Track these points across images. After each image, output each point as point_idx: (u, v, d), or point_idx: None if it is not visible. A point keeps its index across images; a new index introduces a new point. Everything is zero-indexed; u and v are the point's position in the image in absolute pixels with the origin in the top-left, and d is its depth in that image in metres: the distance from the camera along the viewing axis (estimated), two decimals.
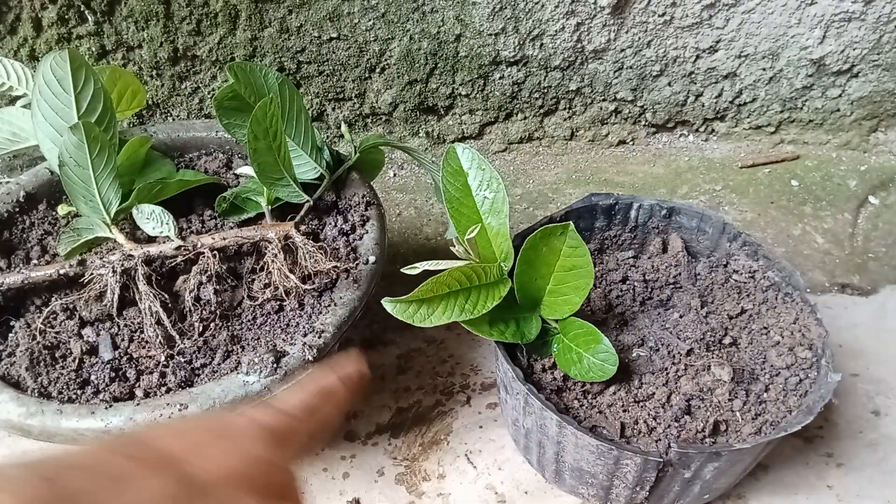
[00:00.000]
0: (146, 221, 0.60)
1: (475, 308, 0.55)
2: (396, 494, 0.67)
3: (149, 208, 0.60)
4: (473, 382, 0.76)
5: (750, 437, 0.57)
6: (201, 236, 0.59)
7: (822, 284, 0.87)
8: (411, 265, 0.56)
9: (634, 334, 0.65)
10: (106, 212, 0.59)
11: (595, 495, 0.63)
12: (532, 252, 0.59)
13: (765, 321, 0.65)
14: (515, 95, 0.99)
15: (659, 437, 0.58)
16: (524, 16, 0.90)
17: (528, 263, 0.60)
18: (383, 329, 0.81)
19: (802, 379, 0.60)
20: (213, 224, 0.67)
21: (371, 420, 0.73)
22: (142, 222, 0.60)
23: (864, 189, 0.99)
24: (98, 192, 0.58)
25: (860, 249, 0.91)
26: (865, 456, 0.69)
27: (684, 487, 0.58)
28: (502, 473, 0.69)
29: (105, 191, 0.58)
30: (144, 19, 0.85)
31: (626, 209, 0.72)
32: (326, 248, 0.58)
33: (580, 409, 0.60)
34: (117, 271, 0.56)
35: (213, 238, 0.59)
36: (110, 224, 0.60)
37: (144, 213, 0.60)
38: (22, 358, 0.55)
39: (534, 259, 0.59)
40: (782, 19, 0.92)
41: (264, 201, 0.64)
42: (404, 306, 0.53)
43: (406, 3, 0.88)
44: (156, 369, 0.56)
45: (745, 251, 0.70)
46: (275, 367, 0.52)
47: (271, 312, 0.60)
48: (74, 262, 0.58)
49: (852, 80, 0.98)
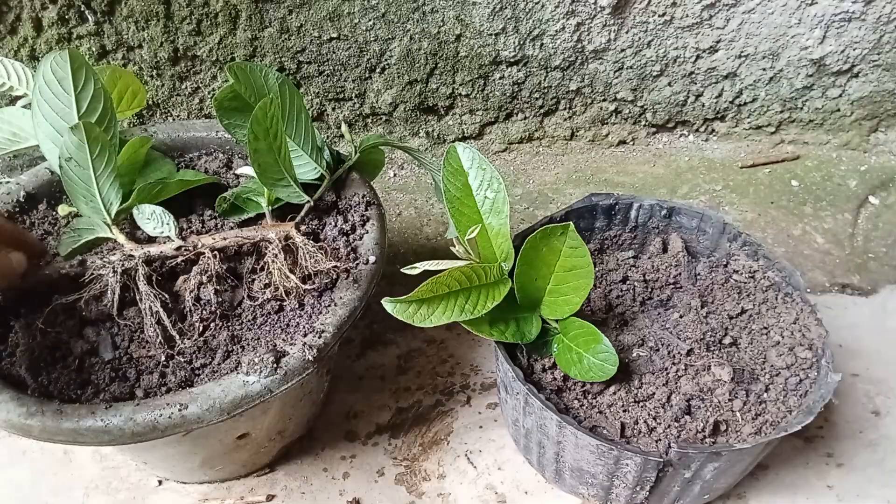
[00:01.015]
0: (147, 221, 0.60)
1: (475, 308, 0.55)
2: (396, 494, 0.67)
3: (149, 208, 0.60)
4: (473, 382, 0.76)
5: (750, 437, 0.57)
6: (202, 236, 0.59)
7: (822, 284, 0.87)
8: (411, 265, 0.56)
9: (634, 334, 0.65)
10: (106, 212, 0.59)
11: (595, 495, 0.63)
12: (532, 252, 0.59)
13: (765, 321, 0.65)
14: (515, 95, 0.99)
15: (659, 437, 0.58)
16: (524, 16, 0.90)
17: (529, 263, 0.60)
18: (383, 329, 0.81)
19: (802, 379, 0.60)
20: (213, 224, 0.67)
21: (371, 420, 0.73)
22: (142, 222, 0.60)
23: (864, 189, 0.99)
24: (99, 193, 0.58)
25: (860, 249, 0.91)
26: (865, 456, 0.69)
27: (684, 487, 0.58)
28: (502, 473, 0.69)
29: (106, 191, 0.58)
30: (145, 19, 0.85)
31: (626, 209, 0.72)
32: (326, 248, 0.58)
33: (580, 409, 0.60)
34: (118, 271, 0.56)
35: (214, 238, 0.59)
36: (111, 224, 0.60)
37: (145, 213, 0.60)
38: (22, 358, 0.55)
39: (534, 259, 0.59)
40: (782, 19, 0.92)
41: (265, 202, 0.64)
42: (404, 306, 0.53)
43: (406, 3, 0.88)
44: (156, 369, 0.56)
45: (746, 251, 0.70)
46: (275, 367, 0.52)
47: (271, 312, 0.60)
48: (75, 262, 0.58)
49: (852, 80, 0.98)
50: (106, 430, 0.49)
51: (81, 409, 0.51)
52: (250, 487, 0.68)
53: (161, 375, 0.55)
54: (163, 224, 0.60)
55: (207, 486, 0.68)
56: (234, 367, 0.56)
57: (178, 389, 0.54)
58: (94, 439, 0.50)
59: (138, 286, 0.57)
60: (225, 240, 0.59)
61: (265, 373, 0.52)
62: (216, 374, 0.56)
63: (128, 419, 0.50)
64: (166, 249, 0.58)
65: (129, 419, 0.50)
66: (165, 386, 0.55)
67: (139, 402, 0.51)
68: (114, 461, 0.70)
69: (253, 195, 0.65)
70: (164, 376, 0.55)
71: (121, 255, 0.57)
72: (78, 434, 0.50)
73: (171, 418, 0.50)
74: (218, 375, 0.55)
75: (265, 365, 0.52)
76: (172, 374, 0.55)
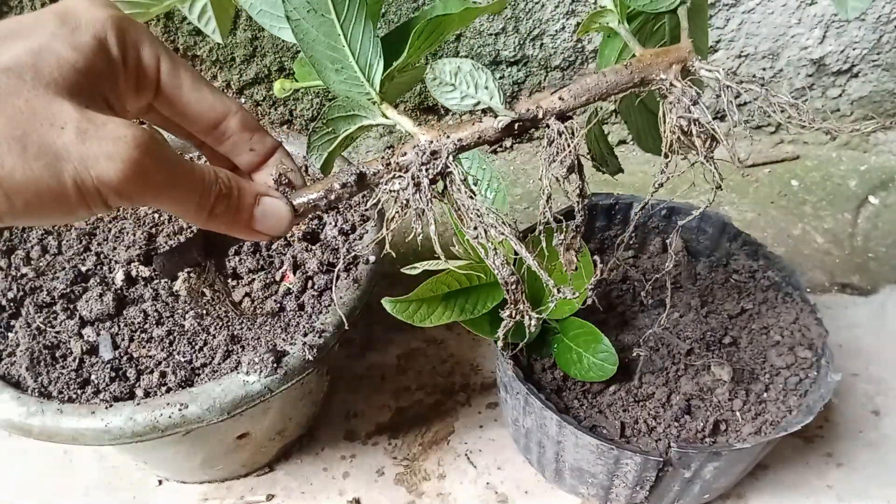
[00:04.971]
0: (447, 88, 0.37)
1: (475, 308, 0.55)
2: (396, 494, 0.67)
3: (451, 64, 0.37)
4: (473, 382, 0.76)
5: (750, 436, 0.57)
6: (539, 97, 0.36)
7: (822, 284, 0.87)
8: (411, 265, 0.56)
9: (634, 334, 0.65)
10: (368, 81, 0.39)
11: (595, 495, 0.63)
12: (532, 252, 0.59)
13: (765, 321, 0.65)
14: (516, 95, 0.99)
15: (659, 437, 0.58)
16: (524, 16, 0.90)
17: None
18: (383, 329, 0.81)
19: (802, 379, 0.60)
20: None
21: (371, 420, 0.73)
22: (439, 90, 0.38)
23: (864, 189, 0.99)
24: (350, 49, 0.38)
25: (860, 249, 0.91)
26: (865, 456, 0.69)
27: (684, 487, 0.58)
28: (502, 473, 0.69)
29: (360, 44, 0.38)
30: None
31: (626, 209, 0.72)
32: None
33: (580, 408, 0.60)
34: (422, 181, 0.35)
35: (562, 96, 0.36)
36: (378, 101, 0.39)
37: (445, 72, 0.37)
38: (22, 358, 0.55)
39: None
40: (782, 19, 0.92)
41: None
42: (404, 306, 0.53)
43: (406, 3, 0.88)
44: (156, 369, 0.56)
45: (745, 251, 0.70)
46: (275, 366, 0.52)
47: (271, 312, 0.60)
48: (350, 174, 0.36)
49: (852, 80, 0.98)
50: (106, 429, 0.49)
51: (81, 409, 0.51)
52: (250, 487, 0.68)
53: (161, 375, 0.55)
54: (476, 87, 0.37)
55: (207, 486, 0.68)
56: (235, 366, 0.56)
57: (178, 389, 0.54)
58: (94, 439, 0.50)
59: (453, 197, 0.36)
60: (584, 92, 0.36)
61: (265, 372, 0.52)
62: (216, 373, 0.56)
63: (128, 419, 0.50)
64: (487, 128, 0.36)
65: (129, 419, 0.50)
66: (165, 386, 0.55)
67: (139, 401, 0.51)
68: (114, 461, 0.70)
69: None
70: (164, 376, 0.55)
71: (416, 151, 0.36)
72: (78, 434, 0.50)
73: (171, 418, 0.50)
74: (218, 375, 0.55)
75: (265, 365, 0.52)
76: (172, 373, 0.55)
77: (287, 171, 0.37)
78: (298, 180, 0.37)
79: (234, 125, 0.36)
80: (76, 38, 0.30)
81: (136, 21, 0.33)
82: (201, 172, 0.32)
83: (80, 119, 0.27)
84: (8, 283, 0.61)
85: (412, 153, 0.35)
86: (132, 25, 0.32)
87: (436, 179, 0.35)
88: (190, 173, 0.31)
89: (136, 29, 0.32)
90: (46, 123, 0.27)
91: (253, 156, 0.38)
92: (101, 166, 0.27)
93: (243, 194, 0.34)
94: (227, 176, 0.33)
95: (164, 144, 0.30)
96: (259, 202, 0.35)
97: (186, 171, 0.31)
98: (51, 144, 0.27)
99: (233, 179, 0.33)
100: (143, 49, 0.32)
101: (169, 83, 0.34)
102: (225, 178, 0.33)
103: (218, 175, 0.33)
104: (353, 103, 0.40)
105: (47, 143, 0.27)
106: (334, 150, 0.42)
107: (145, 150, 0.28)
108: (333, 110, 0.40)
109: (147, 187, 0.29)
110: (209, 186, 0.32)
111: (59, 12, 0.30)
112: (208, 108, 0.35)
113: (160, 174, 0.29)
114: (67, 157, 0.27)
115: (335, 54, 0.38)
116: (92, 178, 0.27)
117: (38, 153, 0.26)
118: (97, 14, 0.31)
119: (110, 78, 0.31)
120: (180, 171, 0.30)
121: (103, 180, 0.27)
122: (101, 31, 0.31)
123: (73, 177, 0.27)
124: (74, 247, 0.65)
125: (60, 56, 0.29)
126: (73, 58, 0.29)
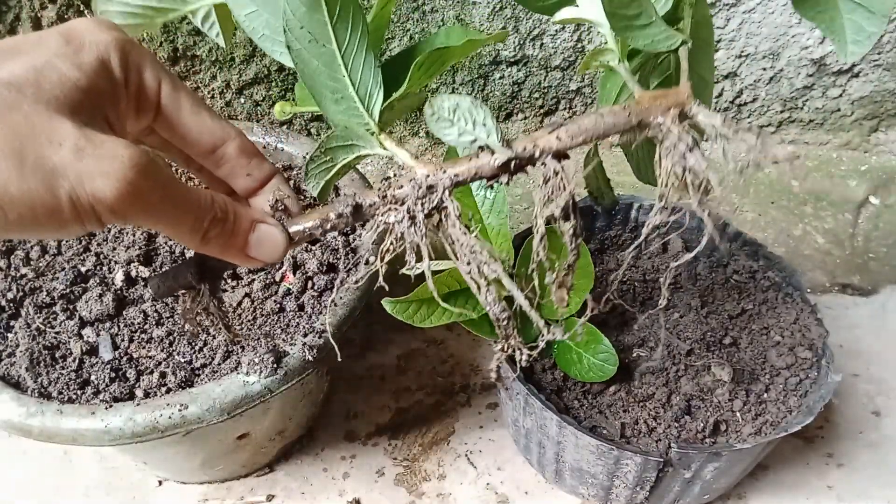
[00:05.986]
0: (445, 124, 0.37)
1: (475, 308, 0.55)
2: (396, 494, 0.67)
3: (449, 101, 0.36)
4: (473, 382, 0.76)
5: (750, 437, 0.57)
6: (535, 137, 0.36)
7: (822, 284, 0.86)
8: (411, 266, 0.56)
9: (634, 334, 0.65)
10: (367, 110, 0.39)
11: (595, 495, 0.63)
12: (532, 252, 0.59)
13: (765, 321, 0.65)
14: (515, 95, 0.99)
15: (659, 437, 0.58)
16: (524, 15, 0.90)
17: (529, 264, 0.59)
18: (383, 329, 0.81)
19: (803, 379, 0.60)
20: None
21: (371, 420, 0.73)
22: (437, 126, 0.37)
23: (864, 189, 0.99)
24: (350, 80, 0.38)
25: (861, 249, 0.91)
26: (866, 456, 0.69)
27: (684, 487, 0.58)
28: (502, 473, 0.68)
29: (361, 75, 0.38)
30: None
31: (626, 209, 0.72)
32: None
33: (580, 409, 0.60)
34: (417, 215, 0.36)
35: (559, 135, 0.35)
36: (376, 132, 0.39)
37: (443, 108, 0.36)
38: (22, 358, 0.55)
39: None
40: (783, 19, 0.92)
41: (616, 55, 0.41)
42: (404, 306, 0.53)
43: (406, 3, 0.88)
44: (156, 369, 0.56)
45: (746, 251, 0.70)
46: (275, 367, 0.52)
47: (271, 312, 0.60)
48: (346, 205, 0.36)
49: (853, 80, 0.98)
50: (106, 430, 0.49)
51: (81, 409, 0.51)
52: (250, 487, 0.68)
53: (161, 375, 0.55)
54: (474, 125, 0.36)
55: (207, 486, 0.68)
56: (234, 367, 0.56)
57: (178, 389, 0.54)
58: (93, 440, 0.50)
59: (448, 232, 0.37)
60: (581, 133, 0.35)
61: (265, 373, 0.52)
62: (216, 374, 0.56)
63: (128, 419, 0.50)
64: (484, 166, 0.36)
65: (129, 419, 0.50)
66: (165, 386, 0.55)
67: (139, 402, 0.51)
68: (114, 461, 0.70)
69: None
70: (164, 376, 0.55)
71: (413, 184, 0.36)
72: (78, 434, 0.50)
73: (171, 418, 0.50)
74: (218, 375, 0.55)
75: (265, 365, 0.52)
76: (172, 374, 0.55)
77: (284, 198, 0.37)
78: (295, 207, 0.38)
79: (232, 150, 0.36)
80: (79, 58, 0.30)
81: (139, 44, 0.33)
82: (197, 196, 0.32)
83: (78, 136, 0.28)
84: (8, 283, 0.61)
85: (408, 186, 0.36)
86: (135, 48, 0.32)
87: (431, 214, 0.36)
88: (185, 196, 0.31)
89: (139, 52, 0.33)
90: (44, 139, 0.27)
91: (250, 181, 0.38)
92: (96, 184, 0.27)
93: (239, 220, 0.34)
94: (224, 200, 0.33)
95: (162, 166, 0.30)
96: (255, 228, 0.35)
97: (182, 193, 0.31)
98: (48, 160, 0.27)
99: (229, 204, 0.34)
100: (145, 72, 0.33)
101: (169, 106, 0.34)
102: (221, 203, 0.33)
103: (214, 199, 0.33)
104: (351, 133, 0.40)
105: (44, 158, 0.27)
106: (332, 179, 0.42)
107: (141, 170, 0.28)
108: (332, 140, 0.40)
109: (141, 207, 0.29)
110: (205, 210, 0.32)
111: (63, 32, 0.31)
112: (207, 132, 0.35)
113: (155, 195, 0.29)
114: (63, 173, 0.27)
115: (335, 84, 0.38)
116: (87, 195, 0.27)
117: (34, 167, 0.27)
118: (101, 36, 0.31)
119: (112, 98, 0.31)
120: (176, 193, 0.31)
121: (98, 197, 0.28)
122: (104, 53, 0.31)
123: (69, 192, 0.27)
124: (74, 247, 0.65)
125: (62, 74, 0.29)
126: (75, 76, 0.29)
